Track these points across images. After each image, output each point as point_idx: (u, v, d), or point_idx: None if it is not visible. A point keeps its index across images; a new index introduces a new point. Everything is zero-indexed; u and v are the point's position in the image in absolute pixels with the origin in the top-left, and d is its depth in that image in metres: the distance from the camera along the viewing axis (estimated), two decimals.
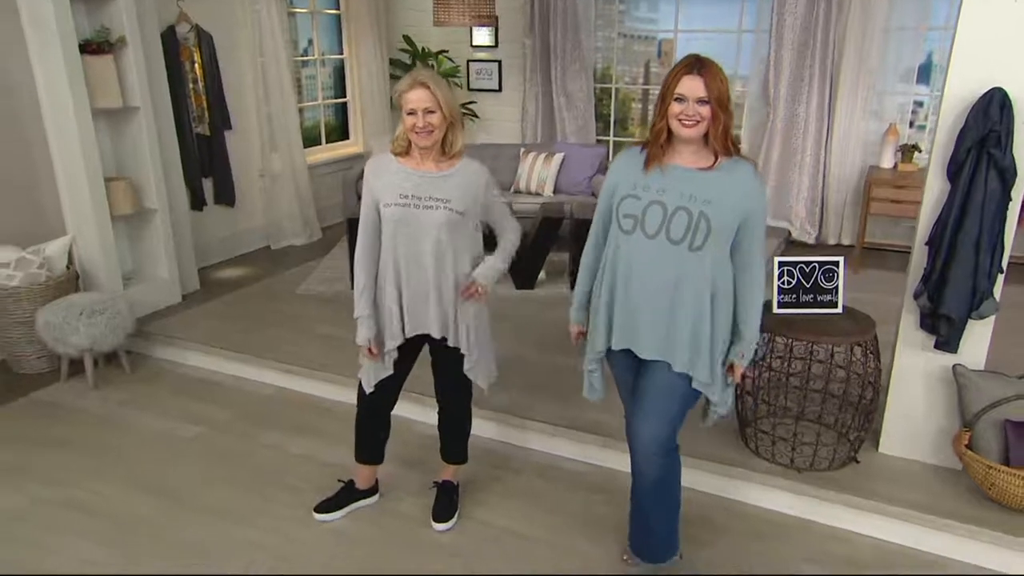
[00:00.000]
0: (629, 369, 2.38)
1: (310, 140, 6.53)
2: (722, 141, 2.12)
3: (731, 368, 2.32)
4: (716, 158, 2.14)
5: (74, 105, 3.98)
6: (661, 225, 2.16)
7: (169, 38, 4.90)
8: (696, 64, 2.07)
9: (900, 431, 3.02)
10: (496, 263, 2.65)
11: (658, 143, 2.17)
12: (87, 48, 4.08)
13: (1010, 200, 2.57)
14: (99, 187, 4.21)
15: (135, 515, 2.94)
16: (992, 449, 2.72)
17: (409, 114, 2.43)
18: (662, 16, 6.95)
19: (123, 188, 4.38)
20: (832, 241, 6.26)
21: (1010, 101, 2.49)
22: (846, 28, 5.78)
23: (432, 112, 2.42)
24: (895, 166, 5.80)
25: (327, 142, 6.84)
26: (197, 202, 5.33)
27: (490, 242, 2.71)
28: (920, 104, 6.13)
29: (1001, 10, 2.50)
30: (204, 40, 5.17)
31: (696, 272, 2.16)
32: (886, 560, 2.69)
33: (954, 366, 2.81)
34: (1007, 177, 2.53)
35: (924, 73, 5.97)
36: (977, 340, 2.78)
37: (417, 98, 2.41)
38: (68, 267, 4.20)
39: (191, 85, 5.14)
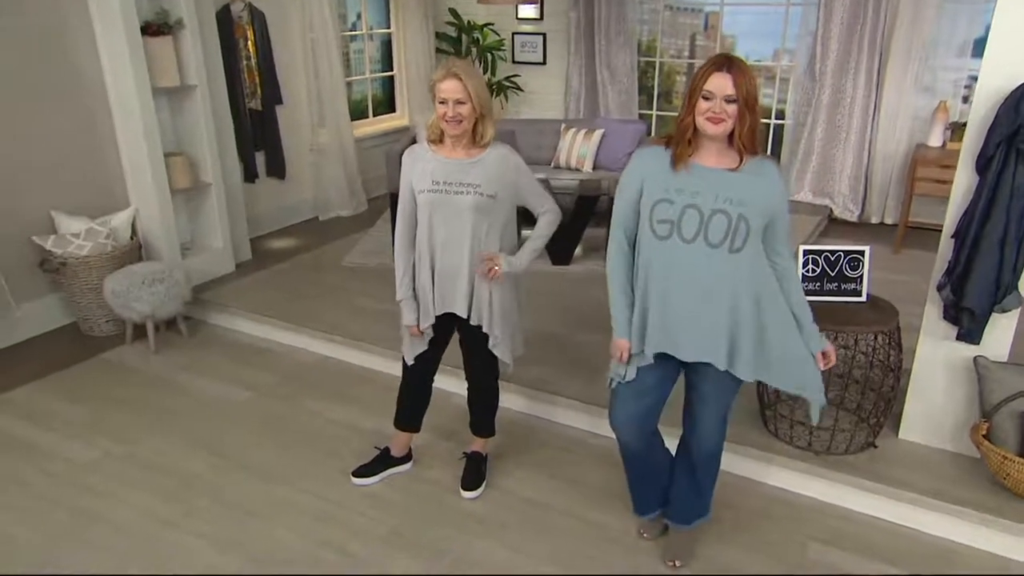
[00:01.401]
0: (656, 367, 2.35)
1: (357, 113, 6.65)
2: (748, 141, 2.11)
3: (821, 356, 2.32)
4: (741, 158, 2.13)
5: (136, 85, 4.18)
6: (699, 229, 2.14)
7: (224, 17, 5.05)
8: (726, 63, 2.06)
9: (919, 418, 3.03)
10: (528, 247, 2.71)
11: (684, 139, 2.15)
12: (147, 30, 4.25)
13: None
14: (159, 163, 4.42)
15: (191, 472, 3.16)
16: (1009, 440, 2.72)
17: (441, 103, 2.51)
18: None
19: (181, 163, 4.58)
20: (875, 220, 6.14)
21: None
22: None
23: (462, 103, 2.50)
24: (943, 144, 5.63)
25: (374, 115, 6.96)
26: (249, 175, 5.52)
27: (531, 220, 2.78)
28: (975, 79, 5.89)
29: None
30: (257, 18, 5.30)
31: (735, 274, 2.17)
32: (896, 543, 2.74)
33: (975, 357, 2.80)
34: None
35: (980, 47, 5.74)
36: (1001, 333, 2.77)
37: (449, 88, 2.48)
38: (132, 238, 4.45)
39: (244, 62, 5.29)
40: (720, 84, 2.05)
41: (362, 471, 3.11)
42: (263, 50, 5.40)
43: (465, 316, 2.75)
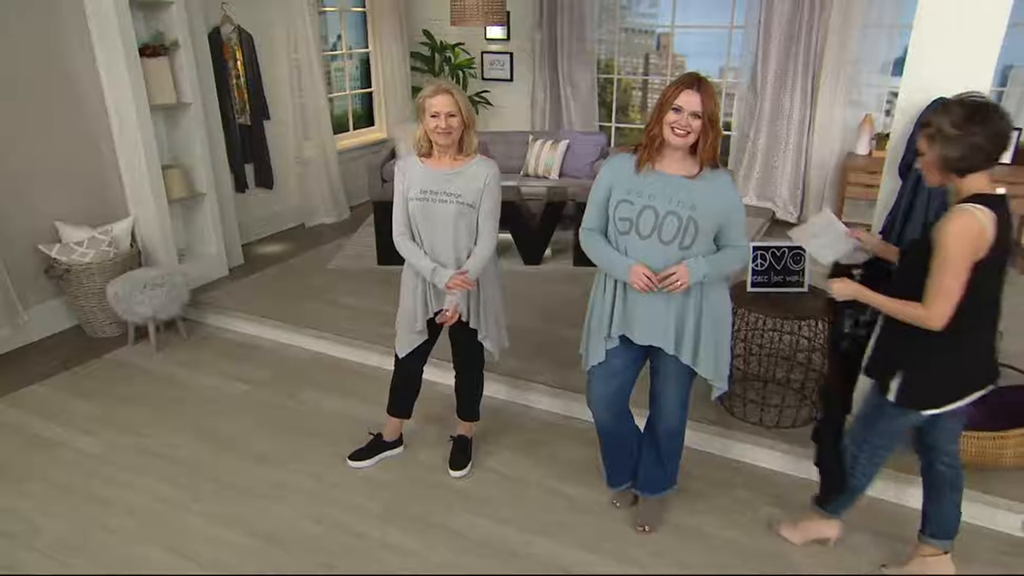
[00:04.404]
0: (623, 352, 2.47)
1: (339, 127, 6.67)
2: (709, 154, 2.19)
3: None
4: (700, 168, 2.22)
5: (135, 104, 4.17)
6: (654, 228, 2.25)
7: (214, 38, 5.04)
8: (696, 82, 2.15)
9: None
10: (477, 259, 2.72)
11: (652, 147, 2.24)
12: (145, 51, 4.24)
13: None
14: (157, 175, 4.41)
15: (196, 460, 3.19)
16: None
17: (433, 116, 2.58)
18: (660, 11, 6.98)
19: (177, 175, 4.57)
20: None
21: None
22: (828, 24, 5.81)
23: (453, 116, 2.58)
24: (870, 152, 5.89)
25: (354, 129, 6.99)
26: (240, 185, 5.52)
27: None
28: (895, 95, 6.16)
29: (945, 29, 2.61)
30: (245, 39, 5.30)
31: None
32: (878, 511, 2.82)
33: None
34: None
35: (898, 66, 6.01)
36: None
37: (441, 103, 2.57)
38: (132, 245, 4.43)
39: (234, 80, 5.29)
40: (689, 100, 2.14)
41: (357, 455, 3.16)
42: (251, 69, 5.40)
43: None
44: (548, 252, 5.25)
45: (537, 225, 5.11)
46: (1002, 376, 2.26)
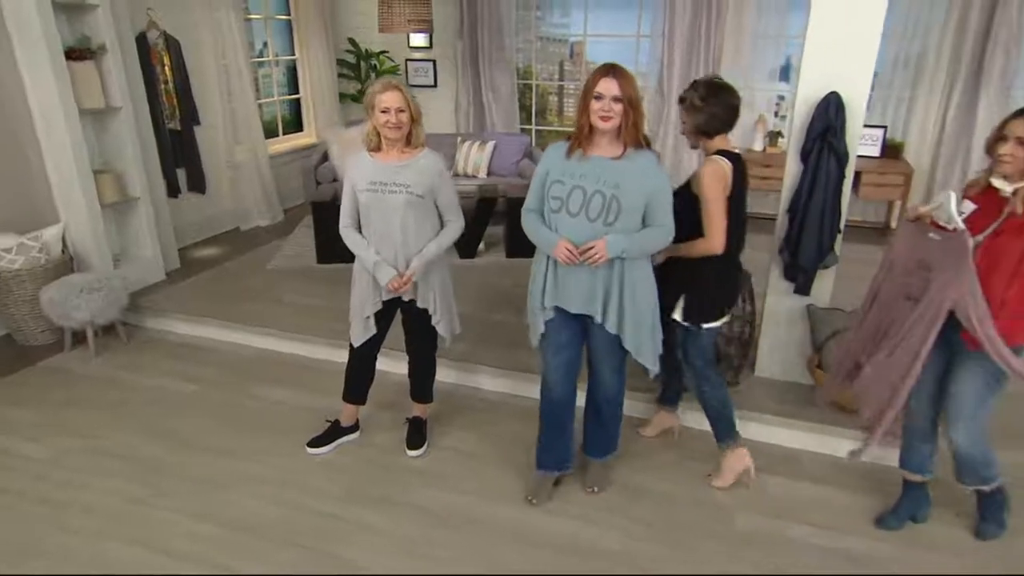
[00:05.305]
0: (564, 326, 2.55)
1: (269, 132, 6.51)
2: (632, 134, 2.28)
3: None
4: (624, 149, 2.31)
5: (63, 107, 3.95)
6: (582, 206, 2.32)
7: (141, 43, 4.83)
8: (612, 70, 2.25)
9: (769, 358, 3.45)
10: (428, 251, 2.75)
11: (582, 135, 2.33)
12: (71, 55, 4.02)
13: (844, 178, 2.97)
14: (89, 179, 4.19)
15: (153, 457, 3.07)
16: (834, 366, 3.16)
17: (383, 112, 2.61)
18: (572, 21, 7.18)
19: (109, 179, 4.36)
20: None
21: (843, 102, 2.87)
22: (724, 35, 6.18)
23: (402, 111, 2.63)
24: (764, 149, 6.29)
25: (284, 134, 6.83)
26: (172, 190, 5.30)
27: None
28: (782, 98, 6.62)
29: (835, 32, 2.87)
30: (172, 45, 5.11)
31: None
32: (763, 454, 3.04)
33: (807, 305, 3.23)
34: (842, 160, 2.92)
35: (784, 72, 6.46)
36: (824, 285, 3.21)
37: (391, 99, 2.60)
38: (63, 251, 4.18)
39: (162, 85, 5.08)
40: (608, 87, 2.24)
41: (316, 441, 3.14)
42: (179, 74, 5.20)
43: (408, 300, 2.86)
44: (482, 246, 5.33)
45: (470, 221, 5.15)
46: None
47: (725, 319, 2.73)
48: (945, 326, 2.16)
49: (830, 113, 2.86)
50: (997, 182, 2.11)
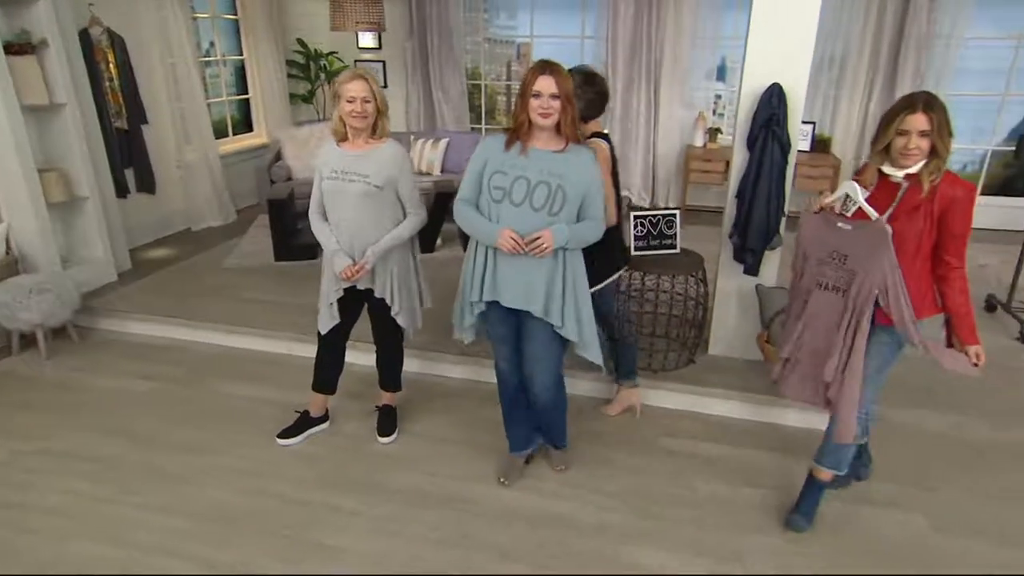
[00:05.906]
0: (502, 321, 2.51)
1: (218, 132, 6.30)
2: (570, 129, 2.28)
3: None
4: (567, 143, 2.31)
5: (4, 103, 3.72)
6: (526, 195, 2.28)
7: (84, 40, 4.61)
8: (547, 67, 2.23)
9: (722, 336, 3.55)
10: (382, 241, 2.71)
11: (522, 131, 2.30)
12: (10, 49, 3.80)
13: (787, 164, 3.10)
14: (33, 178, 3.96)
15: (115, 456, 2.94)
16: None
17: (349, 101, 2.57)
18: (519, 23, 7.23)
19: (55, 178, 4.14)
20: (662, 204, 6.88)
21: (784, 93, 2.99)
22: (664, 37, 6.33)
23: (368, 101, 2.59)
24: (704, 145, 6.47)
25: (234, 134, 6.63)
26: (121, 190, 5.05)
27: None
28: (719, 96, 6.84)
29: (776, 28, 2.98)
30: (116, 42, 4.89)
31: None
32: (708, 427, 3.18)
33: (756, 285, 3.35)
34: (785, 148, 3.04)
35: (720, 72, 6.67)
36: (771, 265, 3.33)
37: (357, 88, 2.56)
38: (7, 252, 3.95)
39: (107, 83, 4.86)
40: (545, 84, 2.23)
41: (286, 433, 3.07)
42: (124, 73, 4.97)
43: (363, 289, 2.81)
44: (439, 241, 5.30)
45: (428, 216, 5.12)
46: None
47: (622, 271, 2.98)
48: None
49: (773, 102, 2.97)
50: (888, 169, 2.19)
